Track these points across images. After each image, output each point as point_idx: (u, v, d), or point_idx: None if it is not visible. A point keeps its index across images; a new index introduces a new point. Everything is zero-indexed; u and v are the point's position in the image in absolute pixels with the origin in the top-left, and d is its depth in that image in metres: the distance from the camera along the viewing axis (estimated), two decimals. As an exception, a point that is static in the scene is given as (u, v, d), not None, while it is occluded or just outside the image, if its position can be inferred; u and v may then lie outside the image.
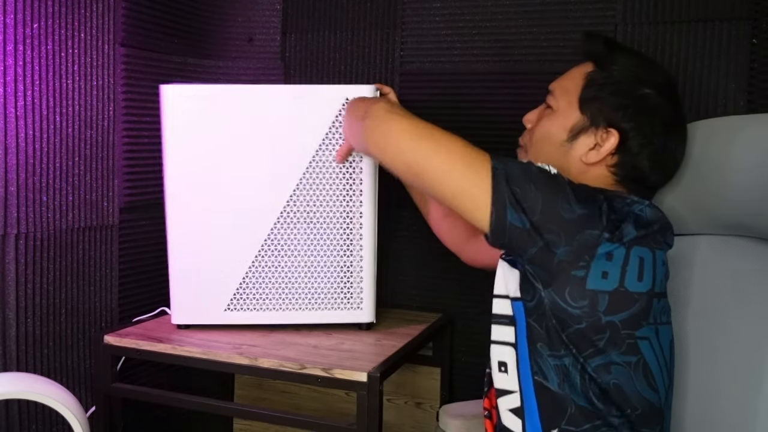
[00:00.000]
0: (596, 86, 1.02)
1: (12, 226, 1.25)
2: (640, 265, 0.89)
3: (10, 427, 1.28)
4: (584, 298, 0.88)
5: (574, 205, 0.87)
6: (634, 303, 0.89)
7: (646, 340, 0.90)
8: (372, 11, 1.66)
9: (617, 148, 0.99)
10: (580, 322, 0.88)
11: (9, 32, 1.21)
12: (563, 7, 1.49)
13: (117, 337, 1.30)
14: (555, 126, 1.05)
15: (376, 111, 1.05)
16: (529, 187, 0.88)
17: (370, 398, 1.11)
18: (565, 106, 1.04)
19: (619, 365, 0.89)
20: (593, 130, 1.01)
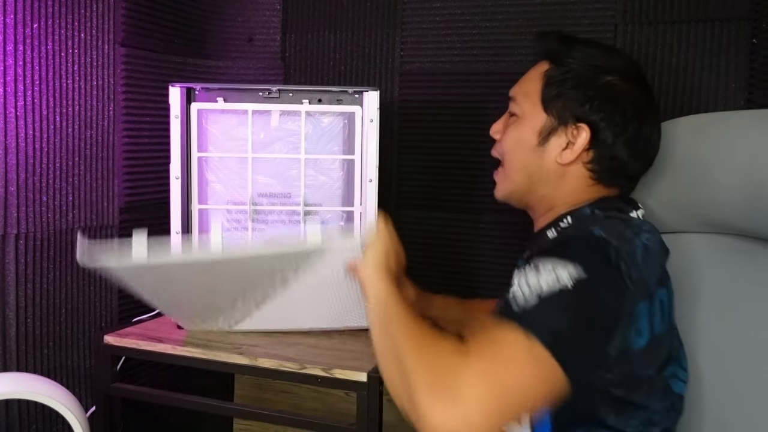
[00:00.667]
0: (556, 83, 0.97)
1: (12, 226, 1.25)
2: (662, 307, 0.84)
3: (10, 427, 1.28)
4: (624, 363, 0.80)
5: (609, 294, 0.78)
6: (662, 347, 0.85)
7: (674, 378, 0.88)
8: (372, 11, 1.66)
9: (591, 143, 0.95)
10: (619, 385, 0.82)
11: (9, 32, 1.21)
12: (563, 7, 1.49)
13: (117, 337, 1.30)
14: (523, 132, 0.99)
15: None
16: (578, 332, 0.76)
17: (370, 398, 1.11)
18: (528, 109, 0.99)
19: (659, 413, 0.86)
20: (563, 128, 0.96)
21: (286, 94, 1.35)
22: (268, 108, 1.34)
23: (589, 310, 0.77)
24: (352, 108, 1.33)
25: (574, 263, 0.77)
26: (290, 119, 1.36)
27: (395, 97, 1.64)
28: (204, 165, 1.35)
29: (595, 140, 0.95)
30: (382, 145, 1.35)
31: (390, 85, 1.64)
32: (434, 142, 1.61)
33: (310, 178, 1.37)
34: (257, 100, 1.34)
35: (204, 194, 1.36)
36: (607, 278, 0.78)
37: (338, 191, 1.37)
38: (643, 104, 0.97)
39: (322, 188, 1.37)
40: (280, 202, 1.36)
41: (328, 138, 1.36)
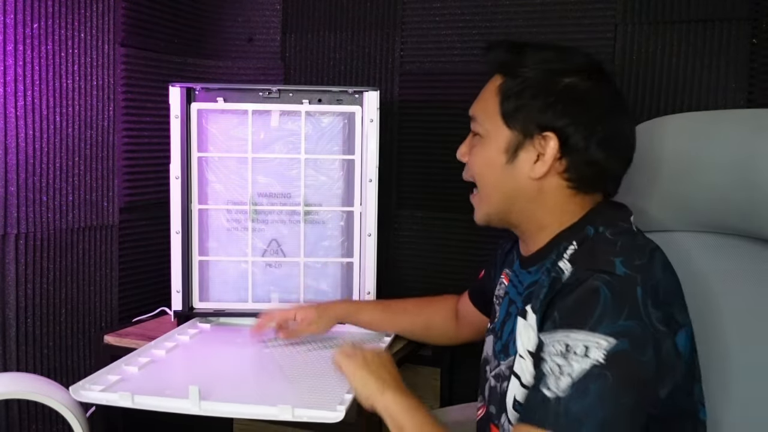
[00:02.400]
0: (514, 95, 0.91)
1: (12, 226, 1.25)
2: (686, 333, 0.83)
3: (10, 427, 1.28)
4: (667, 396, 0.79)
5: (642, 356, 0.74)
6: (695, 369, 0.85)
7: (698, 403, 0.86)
8: (372, 11, 1.66)
9: (562, 151, 0.88)
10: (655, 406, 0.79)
11: (9, 32, 1.21)
12: (563, 7, 1.49)
13: (117, 337, 1.30)
14: (489, 152, 0.93)
15: None
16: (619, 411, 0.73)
17: (370, 398, 1.11)
18: (491, 127, 0.93)
19: None
20: (529, 141, 0.90)
21: (286, 94, 1.35)
22: (268, 108, 1.34)
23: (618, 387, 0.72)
24: (352, 108, 1.33)
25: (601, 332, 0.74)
26: (290, 119, 1.36)
27: (395, 97, 1.64)
28: (204, 165, 1.35)
29: (565, 147, 0.88)
30: (382, 145, 1.35)
31: (390, 85, 1.64)
32: (434, 142, 1.61)
33: (310, 178, 1.37)
34: (257, 100, 1.34)
35: (204, 194, 1.36)
36: (633, 336, 0.74)
37: (338, 191, 1.37)
38: (609, 101, 0.91)
39: (322, 188, 1.37)
40: (280, 202, 1.36)
41: (328, 138, 1.36)
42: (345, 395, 0.98)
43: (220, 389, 1.00)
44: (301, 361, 1.16)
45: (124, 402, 0.97)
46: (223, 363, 1.16)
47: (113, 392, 0.99)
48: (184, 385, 0.97)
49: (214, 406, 0.95)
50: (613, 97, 0.92)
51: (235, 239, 1.37)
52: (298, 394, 1.00)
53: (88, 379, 1.02)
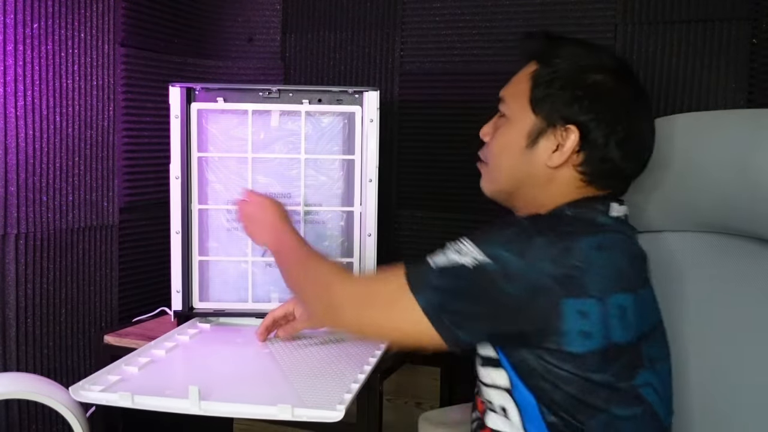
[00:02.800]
0: (544, 83, 0.94)
1: (12, 226, 1.25)
2: (622, 314, 0.83)
3: (10, 427, 1.28)
4: (568, 360, 0.83)
5: (510, 287, 0.81)
6: (624, 354, 0.84)
7: (648, 387, 0.86)
8: (372, 11, 1.66)
9: (581, 144, 0.91)
10: (570, 383, 0.83)
11: (9, 32, 1.22)
12: (563, 7, 1.49)
13: (117, 337, 1.30)
14: (512, 134, 0.96)
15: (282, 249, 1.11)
16: (461, 305, 0.84)
17: (370, 398, 1.11)
18: (517, 111, 0.96)
19: (625, 420, 0.85)
20: (551, 130, 0.93)
21: (286, 94, 1.35)
22: (268, 108, 1.34)
23: (470, 292, 0.83)
24: (352, 108, 1.33)
25: (483, 249, 0.84)
26: (290, 119, 1.36)
27: (395, 97, 1.64)
28: (204, 165, 1.35)
29: (585, 142, 0.91)
30: (382, 145, 1.35)
31: (390, 85, 1.64)
32: (434, 142, 1.61)
33: (310, 178, 1.37)
34: (257, 100, 1.34)
35: (204, 194, 1.35)
36: (509, 268, 0.81)
37: (338, 191, 1.37)
38: (633, 102, 0.93)
39: (322, 188, 1.37)
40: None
41: (328, 138, 1.36)
42: (345, 395, 0.98)
43: (219, 389, 1.00)
44: (301, 361, 1.16)
45: (124, 402, 0.97)
46: (223, 363, 1.16)
47: (113, 392, 0.99)
48: (183, 385, 0.97)
49: (214, 406, 0.95)
50: (638, 99, 0.95)
51: (235, 239, 1.37)
52: (298, 394, 1.00)
53: (88, 380, 1.02)
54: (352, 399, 0.97)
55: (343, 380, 1.05)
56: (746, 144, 0.98)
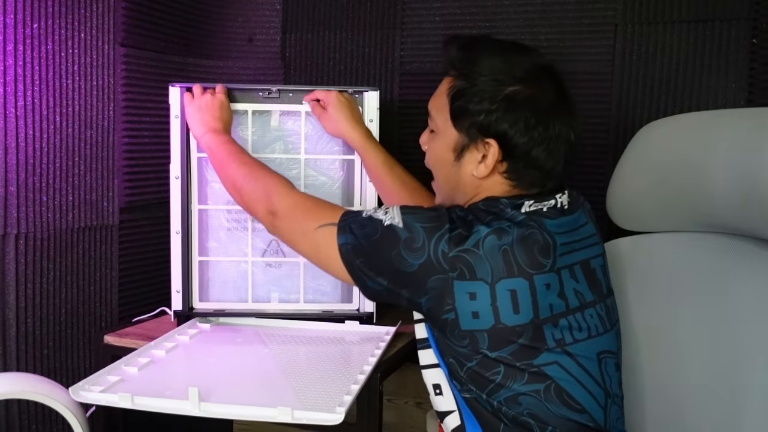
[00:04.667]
0: (462, 99, 0.98)
1: (12, 226, 1.25)
2: (512, 298, 0.88)
3: (10, 427, 1.28)
4: (464, 338, 0.90)
5: (409, 257, 0.90)
6: (519, 336, 0.88)
7: (553, 365, 0.89)
8: (372, 11, 1.66)
9: (503, 154, 0.95)
10: (470, 360, 0.90)
11: (9, 32, 1.22)
12: (563, 7, 1.49)
13: (117, 337, 1.30)
14: (440, 148, 1.02)
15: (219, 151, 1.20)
16: (369, 254, 0.94)
17: (370, 398, 1.11)
18: (442, 126, 1.01)
19: (527, 395, 0.89)
20: (473, 144, 0.97)
21: (286, 94, 1.35)
22: (268, 108, 1.34)
23: (378, 245, 0.93)
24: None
25: (403, 217, 0.93)
26: (290, 119, 1.36)
27: (395, 97, 1.64)
28: (204, 165, 1.35)
29: (506, 151, 0.95)
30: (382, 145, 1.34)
31: (390, 85, 1.65)
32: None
33: (311, 178, 1.37)
34: (257, 100, 1.34)
35: (204, 194, 1.35)
36: (421, 245, 0.90)
37: (338, 191, 1.37)
38: (550, 106, 0.96)
39: (322, 188, 1.37)
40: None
41: (328, 138, 1.36)
42: (345, 396, 0.98)
43: (219, 390, 1.00)
44: (301, 361, 1.16)
45: (124, 403, 0.97)
46: (222, 363, 1.16)
47: (113, 393, 0.99)
48: (183, 385, 0.97)
49: (214, 407, 0.95)
50: (556, 101, 0.97)
51: (235, 239, 1.37)
52: (298, 395, 1.00)
53: (88, 380, 1.02)
54: (352, 401, 0.97)
55: (342, 381, 1.05)
56: (746, 144, 0.98)
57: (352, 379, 1.05)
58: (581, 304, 0.94)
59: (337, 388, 1.02)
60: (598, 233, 1.03)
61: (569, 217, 0.96)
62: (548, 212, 0.94)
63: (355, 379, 1.05)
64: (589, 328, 0.94)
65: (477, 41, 1.03)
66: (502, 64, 0.97)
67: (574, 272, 0.94)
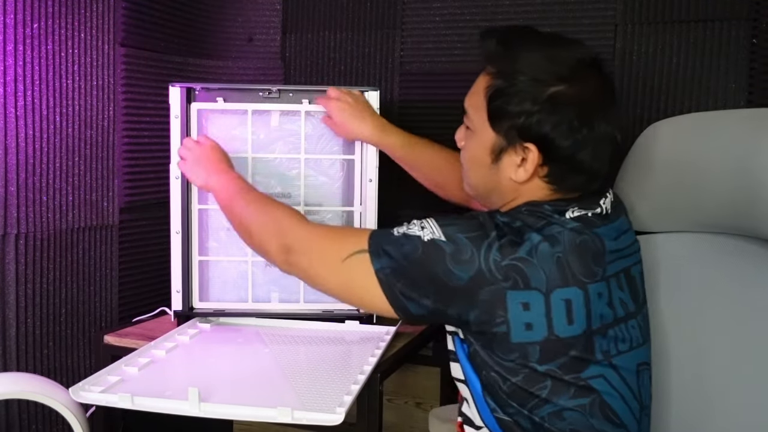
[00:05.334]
0: (500, 100, 0.91)
1: (12, 226, 1.25)
2: (567, 308, 0.84)
3: (10, 427, 1.28)
4: (513, 351, 0.85)
5: (458, 270, 0.84)
6: (570, 348, 0.85)
7: (599, 378, 0.86)
8: (372, 11, 1.66)
9: (544, 158, 0.90)
10: (516, 374, 0.85)
11: (9, 32, 1.21)
12: (563, 7, 1.49)
13: (117, 337, 1.30)
14: (476, 149, 0.97)
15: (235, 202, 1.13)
16: (412, 275, 0.88)
17: (370, 398, 1.11)
18: (479, 125, 0.95)
19: (572, 410, 0.85)
20: (512, 148, 0.92)
21: (286, 94, 1.35)
22: (268, 108, 1.34)
23: (422, 263, 0.87)
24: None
25: (443, 229, 0.88)
26: (290, 119, 1.36)
27: (395, 97, 1.64)
28: (204, 165, 1.35)
29: (547, 155, 0.90)
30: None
31: (390, 85, 1.64)
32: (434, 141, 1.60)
33: (310, 178, 1.37)
34: (257, 100, 1.34)
35: (204, 194, 1.35)
36: (462, 252, 0.85)
37: (338, 191, 1.37)
38: (594, 104, 0.90)
39: (322, 188, 1.37)
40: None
41: (329, 138, 1.36)
42: (345, 397, 0.98)
43: (219, 390, 1.00)
44: (301, 361, 1.16)
45: (124, 403, 0.97)
46: (222, 363, 1.16)
47: (113, 393, 0.99)
48: (183, 386, 0.97)
49: (214, 408, 0.95)
50: (601, 99, 0.91)
51: (235, 239, 1.35)
52: (298, 395, 1.00)
53: (88, 380, 1.02)
54: (352, 401, 0.97)
55: (342, 381, 1.05)
56: (746, 144, 0.98)
57: (352, 379, 1.05)
58: (626, 314, 0.91)
59: (337, 388, 1.02)
60: (636, 239, 1.00)
61: (614, 223, 0.93)
62: (594, 218, 0.90)
63: (355, 379, 1.05)
64: (631, 339, 0.91)
65: (516, 35, 0.96)
66: (543, 61, 0.90)
67: (620, 281, 0.91)
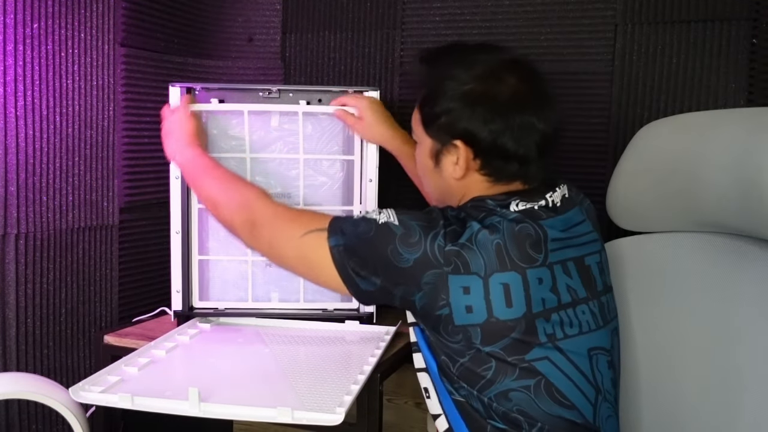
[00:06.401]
0: (426, 106, 1.01)
1: (12, 226, 1.25)
2: (505, 291, 0.88)
3: (10, 427, 1.28)
4: (458, 333, 0.89)
5: (405, 252, 0.90)
6: (511, 330, 0.88)
7: (543, 360, 0.89)
8: (372, 11, 1.66)
9: (474, 151, 0.96)
10: (463, 355, 0.90)
11: (9, 32, 1.22)
12: (563, 7, 1.49)
13: (117, 337, 1.30)
14: (422, 157, 1.04)
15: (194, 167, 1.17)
16: (363, 252, 0.93)
17: (370, 398, 1.11)
18: (419, 135, 1.04)
19: (517, 391, 0.89)
20: (445, 148, 0.99)
21: (286, 94, 1.35)
22: (266, 108, 1.34)
23: (373, 242, 0.92)
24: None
25: (399, 216, 0.93)
26: (290, 119, 1.36)
27: (395, 97, 1.64)
28: (204, 165, 1.35)
29: (475, 148, 0.96)
30: (382, 145, 1.35)
31: (390, 85, 1.65)
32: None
33: (310, 178, 1.37)
34: (257, 100, 1.34)
35: (204, 194, 1.35)
36: (417, 240, 0.90)
37: (338, 191, 1.37)
38: (507, 99, 0.95)
39: (322, 188, 1.37)
40: (280, 202, 1.36)
41: (328, 138, 1.36)
42: (345, 397, 0.98)
43: (219, 390, 1.00)
44: (301, 361, 1.16)
45: (124, 403, 0.97)
46: (222, 363, 1.16)
47: (113, 393, 0.99)
48: (183, 386, 0.97)
49: (214, 408, 0.96)
50: (519, 94, 0.96)
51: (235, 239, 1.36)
52: (298, 395, 1.00)
53: (88, 380, 1.02)
54: (352, 401, 0.97)
55: (342, 381, 1.05)
56: (746, 144, 0.98)
57: (352, 380, 1.05)
58: (573, 300, 0.94)
59: (337, 389, 1.02)
60: (596, 231, 1.03)
61: (562, 216, 0.96)
62: (540, 211, 0.94)
63: (355, 380, 1.05)
64: (580, 324, 0.94)
65: (441, 51, 1.05)
66: (460, 64, 0.99)
67: (567, 268, 0.95)
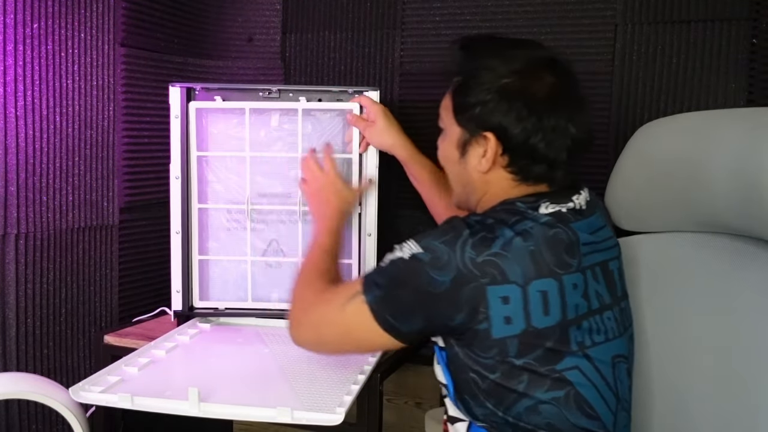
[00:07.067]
0: (460, 94, 0.99)
1: (12, 226, 1.25)
2: (543, 299, 0.86)
3: (10, 427, 1.28)
4: (493, 347, 0.86)
5: (438, 275, 0.86)
6: (546, 339, 0.86)
7: (574, 370, 0.88)
8: (372, 11, 1.66)
9: (503, 147, 0.95)
10: (494, 371, 0.87)
11: (9, 32, 1.22)
12: (563, 7, 1.49)
13: (117, 337, 1.30)
14: (447, 146, 1.04)
15: None
16: (401, 295, 0.90)
17: (370, 398, 1.11)
18: (448, 124, 1.03)
19: (547, 403, 0.87)
20: (474, 139, 0.97)
21: (285, 94, 1.35)
22: (266, 107, 1.34)
23: (406, 280, 0.89)
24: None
25: (420, 243, 0.90)
26: (290, 119, 1.36)
27: (395, 97, 1.64)
28: (204, 165, 1.35)
29: (505, 144, 0.95)
30: (382, 145, 1.35)
31: (390, 85, 1.64)
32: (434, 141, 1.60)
33: (310, 178, 1.37)
34: (257, 100, 1.34)
35: (204, 194, 1.36)
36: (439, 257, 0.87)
37: (338, 191, 1.37)
38: (543, 97, 0.94)
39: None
40: (280, 201, 1.36)
41: (328, 138, 1.36)
42: (345, 397, 0.98)
43: (219, 390, 1.00)
44: (301, 361, 1.16)
45: (124, 403, 0.97)
46: (222, 363, 1.16)
47: (113, 393, 1.00)
48: (183, 386, 0.97)
49: (214, 408, 0.96)
50: (554, 94, 0.95)
51: (235, 239, 1.37)
52: (298, 395, 1.00)
53: (88, 380, 1.02)
54: (352, 401, 0.97)
55: (342, 381, 1.05)
56: (746, 144, 0.98)
57: (352, 379, 1.05)
58: (601, 306, 0.92)
59: (337, 388, 1.02)
60: (614, 235, 1.02)
61: (588, 219, 0.95)
62: (568, 213, 0.93)
63: (355, 380, 1.05)
64: (606, 330, 0.92)
65: (479, 39, 1.04)
66: (499, 57, 0.97)
67: (596, 273, 0.93)
